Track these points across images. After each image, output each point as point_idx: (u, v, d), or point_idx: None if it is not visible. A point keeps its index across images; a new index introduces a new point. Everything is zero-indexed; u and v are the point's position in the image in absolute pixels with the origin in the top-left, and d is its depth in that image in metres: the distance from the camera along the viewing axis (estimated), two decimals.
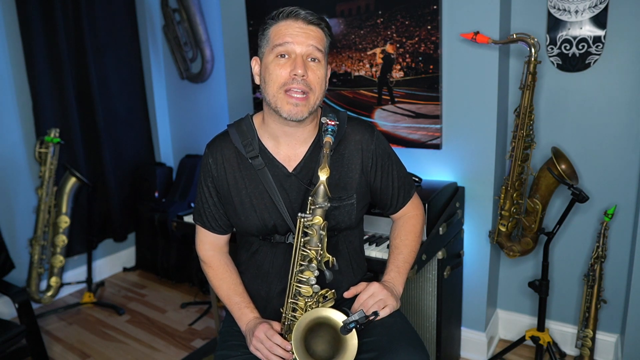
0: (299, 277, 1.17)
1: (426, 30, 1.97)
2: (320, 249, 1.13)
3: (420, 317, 1.91)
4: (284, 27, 1.15)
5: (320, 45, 1.17)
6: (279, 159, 1.25)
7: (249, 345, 1.23)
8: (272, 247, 1.29)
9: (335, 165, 1.25)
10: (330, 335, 1.16)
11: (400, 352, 1.16)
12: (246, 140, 1.25)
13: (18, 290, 2.16)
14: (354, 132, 1.28)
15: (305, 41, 1.14)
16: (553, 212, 2.07)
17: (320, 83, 1.17)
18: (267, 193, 1.24)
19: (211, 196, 1.31)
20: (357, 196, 1.28)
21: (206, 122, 3.23)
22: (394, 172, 1.34)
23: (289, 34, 1.14)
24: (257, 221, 1.26)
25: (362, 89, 2.19)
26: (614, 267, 2.00)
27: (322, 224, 1.12)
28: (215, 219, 1.33)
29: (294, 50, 1.14)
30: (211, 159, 1.28)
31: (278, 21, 1.17)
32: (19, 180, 2.81)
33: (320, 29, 1.18)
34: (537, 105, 1.99)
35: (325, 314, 1.14)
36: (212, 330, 2.61)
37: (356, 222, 1.32)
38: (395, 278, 1.32)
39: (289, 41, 1.14)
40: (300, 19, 1.15)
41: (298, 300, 1.18)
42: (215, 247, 1.39)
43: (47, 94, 2.86)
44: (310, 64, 1.16)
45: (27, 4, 2.70)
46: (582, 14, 1.85)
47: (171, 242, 3.16)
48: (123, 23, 3.25)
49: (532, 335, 1.99)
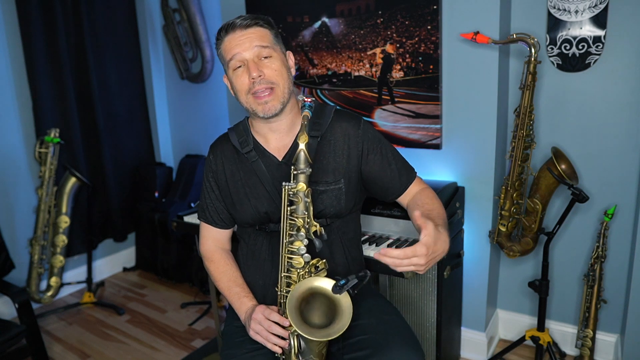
0: (289, 248, 1.20)
1: (426, 30, 1.97)
2: (307, 217, 1.17)
3: (420, 317, 1.91)
4: (228, 43, 1.25)
5: (264, 42, 1.23)
6: (270, 150, 1.34)
7: (249, 331, 1.25)
8: (268, 236, 1.35)
9: (322, 151, 1.32)
10: (324, 304, 1.18)
11: (395, 350, 1.17)
12: (242, 138, 1.36)
13: (18, 290, 2.16)
14: (340, 121, 1.34)
15: (249, 45, 1.22)
16: (553, 212, 2.07)
17: (280, 74, 1.25)
18: (260, 183, 1.32)
19: (212, 190, 1.41)
20: (345, 181, 1.32)
21: (206, 122, 3.23)
22: (389, 155, 1.36)
23: (233, 46, 1.23)
24: (251, 209, 1.33)
25: (362, 89, 2.19)
26: (614, 267, 2.00)
27: (305, 190, 1.16)
28: (217, 213, 1.42)
29: (243, 58, 1.23)
30: (212, 156, 1.41)
31: (223, 39, 1.26)
32: (19, 180, 2.81)
33: (260, 27, 1.25)
34: (537, 105, 1.99)
35: (315, 282, 1.16)
36: (212, 330, 2.61)
37: (346, 209, 1.34)
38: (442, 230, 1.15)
39: (236, 52, 1.23)
40: (237, 28, 1.23)
41: (291, 274, 1.20)
42: (217, 243, 1.46)
43: (47, 94, 2.86)
44: (264, 61, 1.24)
45: (27, 4, 2.70)
46: (582, 14, 1.85)
47: (171, 242, 3.16)
48: (123, 23, 3.25)
49: (532, 335, 2.00)
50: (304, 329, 1.11)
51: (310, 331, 1.12)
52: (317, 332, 1.12)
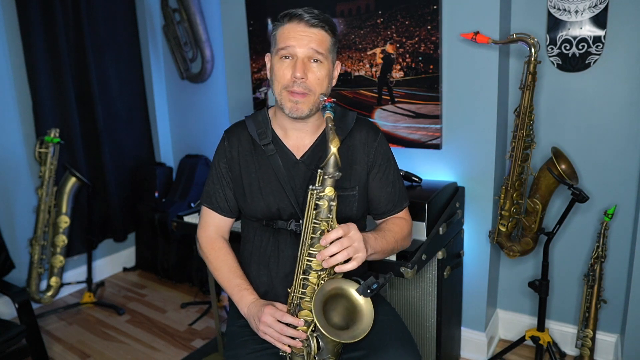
0: (310, 251, 1.16)
1: (426, 30, 1.97)
2: (331, 220, 1.15)
3: (420, 317, 1.91)
4: (287, 31, 1.21)
5: (321, 47, 1.21)
6: (289, 147, 1.33)
7: (252, 326, 1.24)
8: (275, 233, 1.33)
9: (341, 157, 1.29)
10: (343, 305, 1.17)
11: (390, 352, 1.18)
12: (261, 129, 1.34)
13: (18, 290, 2.16)
14: (360, 129, 1.35)
15: (306, 44, 1.20)
16: (553, 212, 2.07)
17: (320, 83, 1.23)
18: (275, 177, 1.31)
19: (224, 177, 1.38)
20: (360, 189, 1.33)
21: (206, 122, 3.23)
22: (390, 176, 1.37)
23: (291, 37, 1.20)
24: (262, 204, 1.32)
25: (362, 89, 2.19)
26: (614, 267, 2.01)
27: (333, 194, 1.14)
28: (225, 200, 1.39)
29: (295, 53, 1.21)
30: (227, 142, 1.38)
31: (283, 24, 1.23)
32: (19, 180, 2.81)
33: (324, 31, 1.22)
34: (537, 105, 1.99)
35: (342, 284, 1.15)
36: (212, 330, 2.61)
37: (357, 216, 1.34)
38: (370, 237, 1.24)
39: (291, 45, 1.20)
40: (304, 21, 1.20)
41: (309, 276, 1.17)
42: (218, 230, 1.44)
43: (47, 94, 2.86)
44: (312, 64, 1.22)
45: (27, 4, 2.70)
46: (582, 14, 1.85)
47: (171, 242, 3.16)
48: (123, 23, 3.24)
49: (532, 335, 2.00)
50: (331, 331, 1.10)
51: (336, 333, 1.11)
52: (343, 334, 1.11)
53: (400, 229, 1.37)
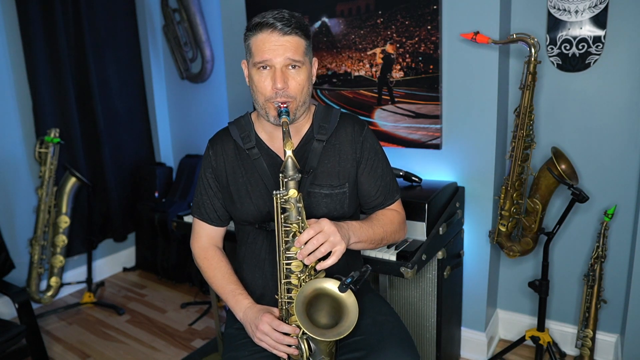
0: (286, 255, 1.18)
1: (426, 30, 1.97)
2: (301, 221, 1.15)
3: (420, 317, 1.91)
4: (261, 42, 1.19)
5: (297, 54, 1.20)
6: (274, 149, 1.33)
7: (253, 337, 1.24)
8: (268, 235, 1.33)
9: (328, 155, 1.32)
10: (328, 304, 1.17)
11: (389, 352, 1.17)
12: (244, 134, 1.34)
13: (18, 290, 2.16)
14: (345, 125, 1.35)
15: (282, 54, 1.19)
16: (553, 212, 2.07)
17: (301, 88, 1.23)
18: (262, 181, 1.31)
19: (210, 187, 1.39)
20: (350, 185, 1.33)
21: (206, 122, 3.23)
22: (379, 170, 1.37)
23: (266, 49, 1.19)
24: (253, 207, 1.32)
25: (362, 89, 2.19)
26: (614, 267, 2.00)
27: (297, 196, 1.14)
28: (214, 210, 1.40)
29: (273, 63, 1.20)
30: (211, 151, 1.38)
31: (255, 34, 1.21)
32: (19, 180, 2.81)
33: (298, 37, 1.21)
34: (537, 105, 1.99)
35: (319, 284, 1.15)
36: (212, 330, 2.61)
37: (349, 213, 1.34)
38: (354, 225, 1.25)
39: (267, 58, 1.19)
40: (277, 31, 1.18)
41: (291, 279, 1.18)
42: (211, 240, 1.44)
43: (47, 94, 2.86)
44: (291, 71, 1.21)
45: (27, 4, 2.70)
46: (582, 14, 1.85)
47: (171, 242, 3.16)
48: (123, 23, 3.25)
49: (532, 335, 1.99)
50: (316, 332, 1.10)
51: (321, 333, 1.11)
52: (328, 333, 1.12)
53: (390, 219, 1.37)
